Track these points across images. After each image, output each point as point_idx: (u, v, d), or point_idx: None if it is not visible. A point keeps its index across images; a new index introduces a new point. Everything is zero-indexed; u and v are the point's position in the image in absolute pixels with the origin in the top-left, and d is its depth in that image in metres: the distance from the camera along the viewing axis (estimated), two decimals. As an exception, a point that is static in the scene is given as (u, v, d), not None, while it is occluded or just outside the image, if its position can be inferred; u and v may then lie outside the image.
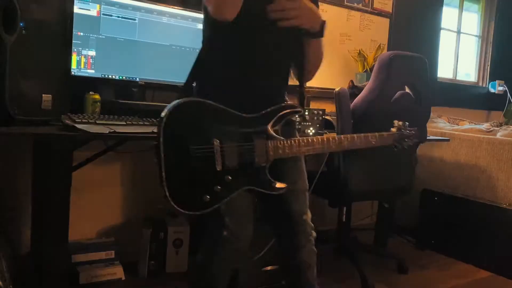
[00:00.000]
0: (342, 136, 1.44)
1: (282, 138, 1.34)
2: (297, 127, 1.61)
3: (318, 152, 1.41)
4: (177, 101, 1.27)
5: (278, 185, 1.33)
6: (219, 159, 1.26)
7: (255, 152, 1.30)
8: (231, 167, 1.27)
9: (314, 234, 1.52)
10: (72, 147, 1.79)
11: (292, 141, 1.35)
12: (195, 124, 1.27)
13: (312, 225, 1.52)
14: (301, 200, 1.48)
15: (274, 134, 1.33)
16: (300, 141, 1.36)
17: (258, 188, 1.33)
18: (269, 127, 1.33)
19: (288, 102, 1.44)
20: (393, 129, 1.60)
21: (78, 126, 1.59)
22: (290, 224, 1.47)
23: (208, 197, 1.25)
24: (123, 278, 2.15)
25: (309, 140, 1.37)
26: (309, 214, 1.51)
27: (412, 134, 1.61)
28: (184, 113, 1.27)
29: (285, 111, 1.36)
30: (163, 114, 1.24)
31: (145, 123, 1.81)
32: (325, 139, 1.39)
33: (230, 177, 1.27)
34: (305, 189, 1.51)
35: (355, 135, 1.46)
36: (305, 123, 2.24)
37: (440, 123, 3.32)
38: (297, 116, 1.44)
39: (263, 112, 1.34)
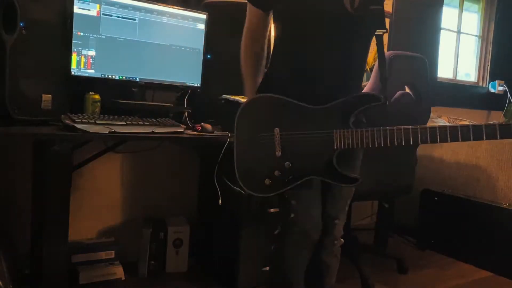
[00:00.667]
0: (420, 127, 1.27)
1: (351, 127, 1.32)
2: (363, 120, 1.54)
3: (391, 144, 1.29)
4: (249, 99, 1.46)
5: (348, 176, 1.34)
6: (278, 146, 1.35)
7: (319, 141, 1.32)
8: (290, 154, 1.34)
9: (341, 241, 1.56)
10: (72, 147, 1.79)
11: (364, 131, 1.30)
12: (263, 116, 1.40)
13: (342, 232, 1.55)
14: (339, 206, 1.51)
15: (343, 123, 1.32)
16: (375, 132, 1.29)
17: (325, 179, 1.35)
18: (339, 116, 1.33)
19: (363, 93, 1.43)
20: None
21: (78, 126, 1.59)
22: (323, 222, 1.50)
23: (270, 181, 1.35)
24: (123, 278, 2.15)
25: (388, 131, 1.28)
26: (342, 220, 1.54)
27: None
28: (254, 107, 1.43)
29: (358, 101, 1.34)
30: (239, 108, 1.43)
31: (145, 123, 1.81)
32: (402, 129, 1.27)
33: (290, 164, 1.34)
34: (349, 197, 1.53)
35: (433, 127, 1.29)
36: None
37: (440, 123, 3.32)
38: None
39: (333, 103, 1.34)
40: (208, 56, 2.21)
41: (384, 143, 1.28)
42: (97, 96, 1.90)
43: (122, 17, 1.99)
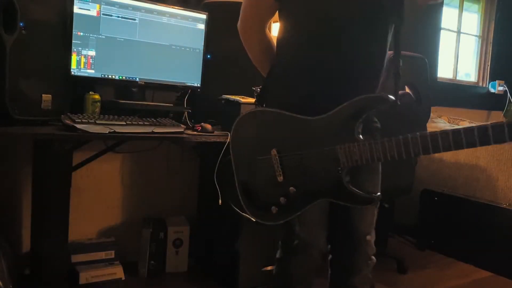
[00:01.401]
0: (430, 133, 1.03)
1: (358, 140, 1.10)
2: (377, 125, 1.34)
3: (407, 156, 1.06)
4: (241, 115, 1.29)
5: (363, 195, 1.14)
6: (278, 169, 1.20)
7: (322, 160, 1.14)
8: (293, 177, 1.18)
9: (374, 260, 1.40)
10: (72, 147, 1.79)
11: (373, 144, 1.09)
12: (258, 135, 1.26)
13: (374, 248, 1.39)
14: (368, 219, 1.35)
15: (347, 135, 1.11)
16: (386, 143, 1.07)
17: (336, 200, 1.17)
18: (341, 127, 1.12)
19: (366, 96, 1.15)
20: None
21: (78, 126, 1.59)
22: (351, 243, 1.34)
23: (276, 208, 1.21)
24: (123, 278, 2.14)
25: (401, 140, 1.05)
26: (373, 236, 1.37)
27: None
28: (248, 125, 1.28)
29: (363, 105, 1.12)
30: (232, 125, 1.29)
31: (145, 123, 1.81)
32: (418, 136, 1.03)
33: (295, 189, 1.18)
34: (375, 208, 1.37)
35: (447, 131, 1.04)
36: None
37: (440, 123, 3.32)
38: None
39: (334, 110, 1.13)
40: (208, 56, 2.21)
41: (399, 155, 1.05)
42: (97, 96, 1.90)
43: (122, 17, 1.99)
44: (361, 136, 1.12)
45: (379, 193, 1.20)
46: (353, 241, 1.33)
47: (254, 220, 1.27)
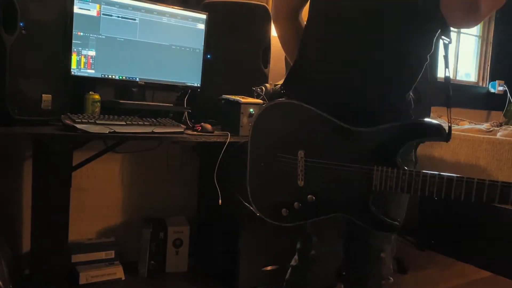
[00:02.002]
0: (487, 183, 0.99)
1: (398, 165, 1.00)
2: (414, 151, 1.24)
3: (446, 197, 0.99)
4: (270, 102, 1.14)
5: (386, 222, 1.06)
6: (301, 174, 1.09)
7: (353, 177, 1.03)
8: (316, 185, 1.09)
9: (390, 280, 1.27)
10: (72, 147, 1.79)
11: (414, 174, 0.98)
12: (285, 130, 1.13)
13: (391, 268, 1.27)
14: (383, 235, 1.22)
15: (387, 158, 1.01)
16: (429, 176, 0.97)
17: (354, 219, 1.07)
18: (383, 147, 1.02)
19: (418, 120, 1.06)
20: None
21: (78, 126, 1.59)
22: (363, 259, 1.24)
23: (287, 211, 1.13)
24: (123, 278, 2.15)
25: (446, 177, 0.96)
26: (390, 254, 1.25)
27: None
28: (275, 115, 1.15)
29: (414, 132, 1.03)
30: (257, 113, 1.16)
31: (145, 123, 1.81)
32: (465, 182, 0.97)
33: (314, 198, 1.09)
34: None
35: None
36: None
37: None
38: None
39: (380, 126, 1.03)
40: (208, 56, 2.21)
41: (438, 194, 0.97)
42: (97, 96, 1.90)
43: (122, 17, 1.99)
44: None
45: (399, 219, 1.10)
46: (365, 258, 1.24)
47: (258, 214, 1.19)
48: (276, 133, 1.15)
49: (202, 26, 2.17)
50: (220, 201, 1.91)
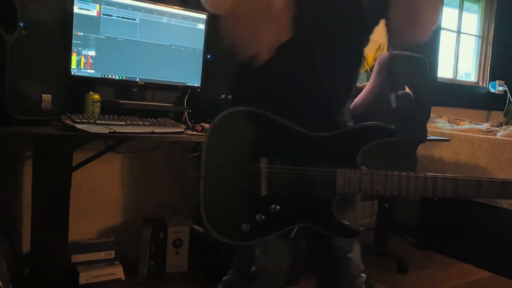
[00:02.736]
0: (441, 177, 1.03)
1: (359, 167, 1.05)
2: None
3: (417, 195, 1.05)
4: (229, 109, 1.07)
5: (349, 227, 1.06)
6: (265, 183, 1.04)
7: (316, 182, 1.05)
8: (280, 195, 1.05)
9: (363, 277, 1.25)
10: (72, 147, 1.79)
11: (375, 174, 1.04)
12: (246, 138, 1.07)
13: (361, 266, 1.25)
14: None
15: (349, 161, 1.05)
16: (389, 176, 1.04)
17: (318, 228, 1.07)
18: (343, 151, 1.06)
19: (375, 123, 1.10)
20: None
21: (78, 126, 1.59)
22: (331, 263, 1.22)
23: (248, 226, 1.05)
24: (123, 278, 2.14)
25: (404, 177, 1.04)
26: (357, 253, 1.24)
27: None
28: (235, 123, 1.07)
29: (370, 134, 1.07)
30: (212, 122, 1.06)
31: (145, 123, 1.81)
32: (421, 178, 1.03)
33: (278, 207, 1.05)
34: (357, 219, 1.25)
35: (461, 178, 1.04)
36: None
37: (440, 123, 3.32)
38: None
39: (339, 131, 1.07)
40: (208, 56, 2.21)
41: (398, 192, 1.03)
42: (97, 96, 1.90)
43: (122, 17, 1.99)
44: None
45: (361, 228, 1.10)
46: (334, 262, 1.21)
47: (211, 237, 1.08)
48: (234, 142, 1.07)
49: (202, 26, 2.17)
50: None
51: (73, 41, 1.88)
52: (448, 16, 4.07)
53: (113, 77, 2.01)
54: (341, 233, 1.08)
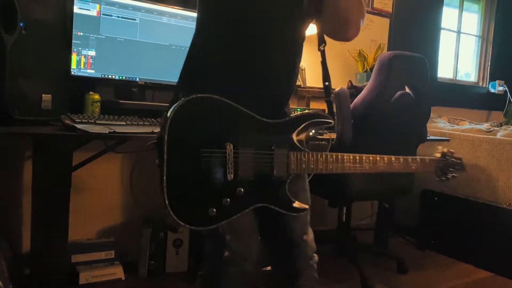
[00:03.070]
0: (378, 156, 1.28)
1: (307, 150, 1.18)
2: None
3: (348, 171, 1.24)
4: (190, 96, 1.08)
5: (298, 204, 1.18)
6: (231, 167, 1.08)
7: (274, 163, 1.14)
8: (244, 178, 1.11)
9: (315, 258, 1.34)
10: (72, 147, 1.79)
11: (319, 155, 1.19)
12: (208, 124, 1.09)
13: (314, 247, 1.33)
14: (301, 218, 1.28)
15: (299, 144, 1.17)
16: (329, 156, 1.20)
17: (274, 206, 1.15)
18: (293, 136, 1.17)
19: (317, 110, 1.29)
20: (437, 154, 1.47)
21: (78, 126, 1.59)
22: (288, 245, 1.30)
23: (215, 210, 1.08)
24: (123, 278, 2.15)
25: (339, 157, 1.22)
26: (311, 235, 1.33)
27: (458, 163, 1.48)
28: (196, 109, 1.08)
29: (313, 120, 1.19)
30: (171, 109, 1.06)
31: (145, 123, 1.81)
32: (357, 158, 1.24)
33: (242, 190, 1.10)
34: (308, 204, 1.30)
35: (392, 157, 1.32)
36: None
37: (440, 123, 3.32)
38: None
39: (288, 118, 1.19)
40: (208, 56, 2.20)
41: (337, 168, 1.21)
42: (97, 96, 1.90)
43: (122, 17, 1.99)
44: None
45: (307, 206, 1.22)
46: (290, 244, 1.29)
47: (176, 224, 1.16)
48: (197, 129, 1.08)
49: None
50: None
51: (73, 41, 1.88)
52: (448, 16, 4.07)
53: (113, 77, 2.01)
54: (292, 210, 1.18)
